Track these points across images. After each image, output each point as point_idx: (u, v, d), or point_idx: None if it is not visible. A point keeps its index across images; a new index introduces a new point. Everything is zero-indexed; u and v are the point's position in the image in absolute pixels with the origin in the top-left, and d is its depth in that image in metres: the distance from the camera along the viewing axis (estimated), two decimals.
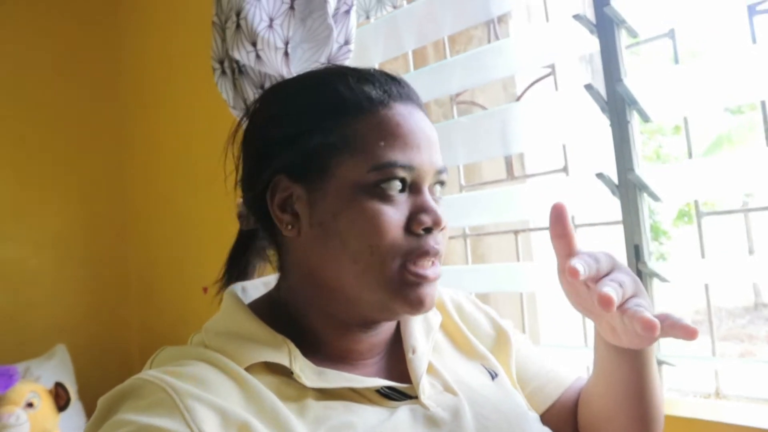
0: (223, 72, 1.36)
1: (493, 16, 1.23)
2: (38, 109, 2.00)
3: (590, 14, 0.98)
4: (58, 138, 2.03)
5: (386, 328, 0.63)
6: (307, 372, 0.54)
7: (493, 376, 0.67)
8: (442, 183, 0.61)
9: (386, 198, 0.55)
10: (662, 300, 0.94)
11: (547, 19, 1.11)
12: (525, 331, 1.21)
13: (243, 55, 1.26)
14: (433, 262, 0.56)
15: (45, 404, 1.39)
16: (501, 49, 1.13)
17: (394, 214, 0.54)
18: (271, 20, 1.25)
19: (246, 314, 0.59)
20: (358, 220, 0.54)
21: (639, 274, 0.92)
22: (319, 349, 0.59)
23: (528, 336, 1.25)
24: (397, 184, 0.55)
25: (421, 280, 0.55)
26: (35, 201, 1.95)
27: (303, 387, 0.53)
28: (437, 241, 0.56)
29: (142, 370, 0.55)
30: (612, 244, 1.03)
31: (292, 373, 0.54)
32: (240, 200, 0.64)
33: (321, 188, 0.56)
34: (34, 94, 2.00)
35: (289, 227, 0.58)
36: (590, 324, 1.05)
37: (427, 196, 0.57)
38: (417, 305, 0.55)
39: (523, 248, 1.38)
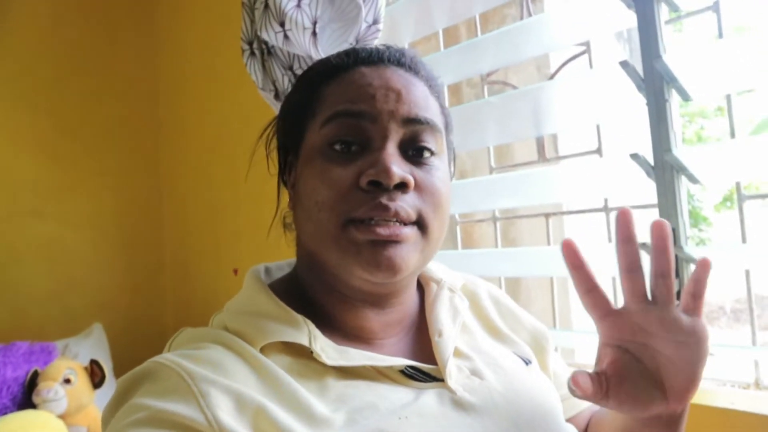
0: (252, 53, 1.36)
1: None
2: (76, 90, 2.04)
3: None
4: (95, 119, 2.07)
5: (401, 308, 0.62)
6: (328, 350, 0.53)
7: (527, 362, 0.65)
8: (425, 147, 0.56)
9: (336, 155, 0.55)
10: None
11: None
12: (556, 317, 1.18)
13: (271, 35, 1.25)
14: (388, 221, 0.52)
15: (81, 380, 1.43)
16: (534, 26, 1.10)
17: (341, 171, 0.54)
18: (300, 0, 1.24)
19: (266, 294, 0.58)
20: (309, 180, 0.56)
21: (675, 259, 0.89)
22: (336, 328, 0.58)
23: (559, 321, 1.22)
24: (346, 138, 0.55)
25: (371, 236, 0.52)
26: (74, 181, 2.00)
27: (323, 367, 0.53)
28: (393, 198, 0.52)
29: (164, 349, 0.56)
30: (648, 229, 1.00)
31: (311, 352, 0.53)
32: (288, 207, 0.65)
33: (299, 154, 0.59)
34: (71, 76, 2.03)
35: (291, 204, 0.62)
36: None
37: (386, 150, 0.53)
38: (372, 267, 0.52)
39: (555, 232, 1.36)
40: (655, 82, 0.90)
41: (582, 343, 1.09)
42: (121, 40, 2.17)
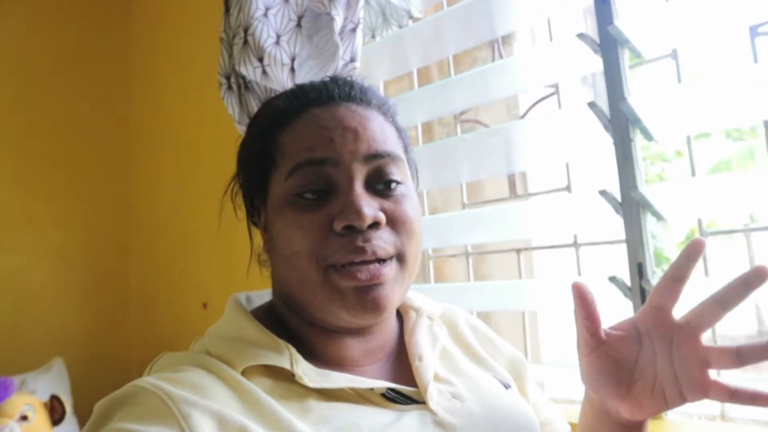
0: (230, 87, 1.37)
1: (497, 36, 1.24)
2: (44, 119, 2.01)
3: (594, 34, 0.99)
4: (63, 149, 2.04)
5: (381, 336, 0.62)
6: (309, 373, 0.54)
7: (506, 386, 0.66)
8: (393, 180, 0.57)
9: (305, 203, 0.55)
10: None
11: (551, 39, 1.12)
12: (526, 350, 1.20)
13: (249, 70, 1.27)
14: (369, 262, 0.53)
15: (39, 417, 1.37)
16: (505, 67, 1.14)
17: (312, 218, 0.54)
18: (279, 37, 1.26)
19: (248, 319, 0.59)
20: (282, 228, 0.56)
21: (642, 292, 0.92)
22: (316, 355, 0.58)
23: (530, 355, 1.24)
24: (313, 187, 0.55)
25: (353, 283, 0.53)
26: (39, 212, 1.95)
27: (305, 389, 0.53)
28: (367, 238, 0.53)
29: (142, 376, 0.55)
30: (615, 263, 1.03)
31: (293, 375, 0.53)
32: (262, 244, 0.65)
33: (267, 202, 0.60)
34: (40, 105, 2.01)
35: (266, 246, 0.62)
36: None
37: (354, 191, 0.54)
38: (358, 311, 0.53)
39: (525, 267, 1.38)
40: (620, 123, 0.94)
41: (552, 376, 1.11)
42: (94, 68, 2.16)
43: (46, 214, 1.96)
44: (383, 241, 0.54)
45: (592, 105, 0.96)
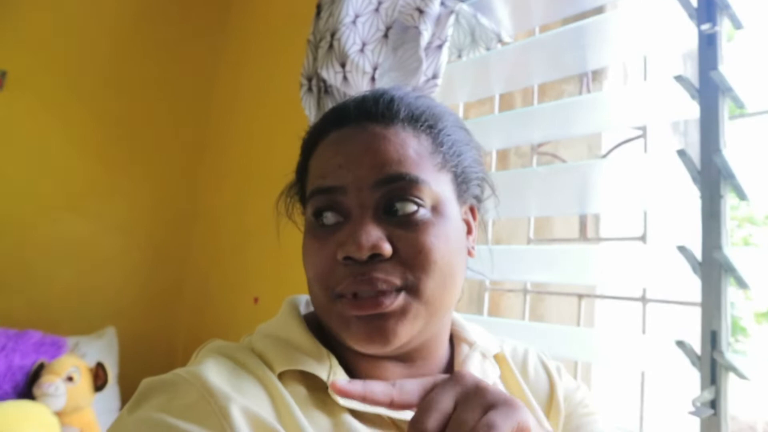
0: (310, 89, 1.39)
1: (586, 70, 1.19)
2: (133, 97, 2.11)
3: (694, 78, 0.92)
4: (146, 128, 2.13)
5: (425, 364, 0.59)
6: None
7: None
8: (405, 202, 0.52)
9: (319, 230, 0.55)
10: (737, 399, 0.85)
11: (645, 77, 1.06)
12: None
13: (331, 74, 1.27)
14: (374, 297, 0.50)
15: (84, 381, 1.42)
16: (590, 103, 1.09)
17: (322, 247, 0.53)
18: (364, 45, 1.27)
19: (297, 323, 0.58)
20: (304, 251, 0.57)
21: (713, 364, 0.84)
22: (359, 374, 0.57)
23: None
24: (327, 215, 0.54)
25: (356, 312, 0.51)
26: (114, 184, 2.04)
27: (339, 405, 0.52)
28: (367, 270, 0.50)
29: (187, 360, 0.56)
30: (686, 327, 0.95)
31: (327, 388, 0.52)
32: None
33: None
34: (131, 83, 2.11)
35: None
36: (648, 403, 0.96)
37: (360, 220, 0.52)
38: (362, 341, 0.51)
39: (586, 314, 1.30)
40: (711, 176, 0.87)
41: None
42: (184, 57, 2.25)
43: (120, 189, 2.05)
44: (385, 273, 0.51)
45: (681, 153, 0.89)
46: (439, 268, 0.52)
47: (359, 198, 0.52)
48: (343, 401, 0.51)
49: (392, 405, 0.41)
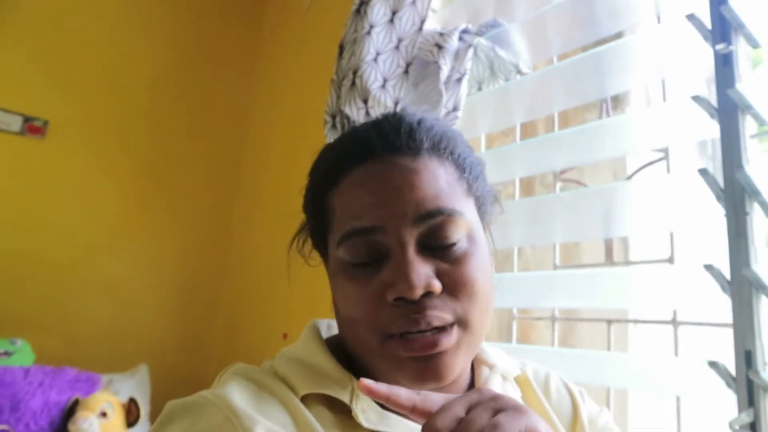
0: (333, 126, 1.43)
1: (606, 96, 1.20)
2: (167, 138, 2.22)
3: (712, 97, 0.93)
4: (179, 167, 2.22)
5: (453, 387, 0.59)
6: (368, 412, 0.53)
7: None
8: (441, 241, 0.53)
9: (357, 273, 0.53)
10: None
11: (665, 100, 1.07)
12: None
13: (354, 111, 1.31)
14: (425, 331, 0.50)
15: (117, 416, 1.45)
16: (611, 127, 1.09)
17: (366, 290, 0.52)
18: (385, 81, 1.31)
19: (319, 347, 0.59)
20: (340, 292, 0.55)
21: (750, 384, 0.81)
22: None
23: None
24: (363, 257, 0.53)
25: (410, 353, 0.50)
26: (148, 223, 2.12)
27: (363, 428, 0.52)
28: (421, 308, 0.50)
29: (215, 381, 0.57)
30: (721, 349, 0.93)
31: (351, 411, 0.52)
32: None
33: (328, 259, 0.60)
34: (165, 126, 2.22)
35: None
36: (686, 428, 0.93)
37: (406, 258, 0.51)
38: (418, 380, 0.51)
39: (619, 340, 1.28)
40: (735, 193, 0.86)
41: None
42: (217, 102, 2.35)
43: (153, 229, 2.13)
44: (439, 309, 0.51)
45: (703, 172, 0.89)
46: (482, 297, 0.54)
47: (399, 236, 0.51)
48: (366, 423, 0.52)
49: (414, 411, 0.42)
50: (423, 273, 0.50)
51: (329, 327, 0.66)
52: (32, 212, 1.90)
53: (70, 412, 1.43)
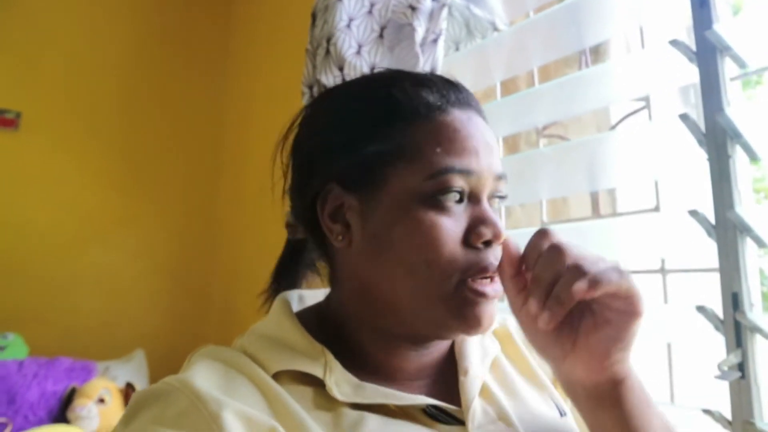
0: (311, 96, 1.40)
1: (584, 47, 1.18)
2: (146, 128, 2.19)
3: (692, 42, 0.91)
4: (161, 157, 2.20)
5: (438, 349, 0.59)
6: (342, 386, 0.52)
7: (562, 413, 0.61)
8: (501, 196, 0.57)
9: (443, 209, 0.52)
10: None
11: (644, 48, 1.05)
12: None
13: (330, 79, 1.29)
14: (492, 279, 0.53)
15: (115, 401, 1.45)
16: (591, 78, 1.08)
17: (451, 226, 0.51)
18: (360, 47, 1.28)
19: (290, 321, 0.57)
20: (414, 232, 0.51)
21: (737, 326, 0.82)
22: (365, 364, 0.56)
23: None
24: (454, 194, 0.52)
25: (481, 298, 0.52)
26: (135, 213, 2.11)
27: (337, 400, 0.51)
28: (496, 256, 0.53)
29: (183, 364, 0.55)
30: (710, 292, 0.93)
31: (325, 385, 0.51)
32: (288, 209, 0.64)
33: (375, 198, 0.54)
34: (144, 116, 2.19)
35: (340, 238, 0.56)
36: (677, 379, 0.94)
37: (487, 206, 0.54)
38: (474, 325, 0.52)
39: None
40: (717, 137, 0.85)
41: None
42: (192, 79, 2.31)
43: (138, 217, 2.11)
44: (498, 259, 0.53)
45: (684, 117, 0.88)
46: None
47: (487, 186, 0.54)
48: (341, 396, 0.51)
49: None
50: (499, 223, 0.54)
51: (301, 298, 0.65)
52: (12, 206, 1.88)
53: (67, 400, 1.43)
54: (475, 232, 0.52)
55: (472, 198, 0.54)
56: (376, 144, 0.54)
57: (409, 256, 0.52)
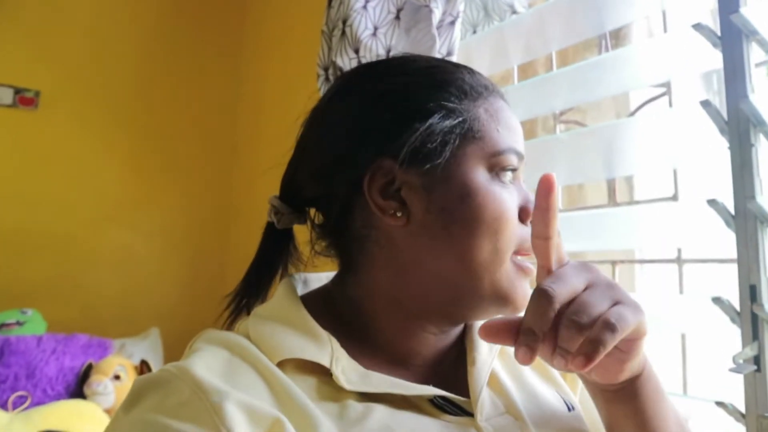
0: (327, 78, 1.39)
1: (604, 31, 1.15)
2: (163, 109, 2.19)
3: (716, 25, 0.89)
4: (177, 137, 2.20)
5: (453, 334, 0.59)
6: (349, 374, 0.51)
7: (570, 408, 0.60)
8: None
9: (505, 185, 0.54)
10: None
11: (665, 31, 1.02)
12: None
13: (345, 61, 1.28)
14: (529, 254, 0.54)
15: (130, 379, 1.48)
16: (611, 62, 1.06)
17: (513, 202, 0.54)
18: (376, 29, 1.26)
19: (295, 305, 0.56)
20: (486, 206, 0.52)
21: (754, 318, 0.80)
22: (376, 351, 0.55)
23: None
24: (511, 173, 0.55)
25: (529, 273, 0.54)
26: (152, 192, 2.12)
27: (344, 389, 0.50)
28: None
29: (186, 349, 0.55)
30: (727, 283, 0.92)
31: (331, 373, 0.50)
32: (273, 196, 0.63)
33: (440, 174, 0.53)
34: (161, 97, 2.19)
35: (399, 214, 0.53)
36: (693, 365, 0.93)
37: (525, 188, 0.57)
38: (520, 300, 0.53)
39: (627, 282, 1.27)
40: (740, 125, 0.83)
41: None
42: (207, 60, 2.31)
43: (154, 196, 2.13)
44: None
45: (705, 104, 0.86)
46: None
47: (522, 169, 0.57)
48: (348, 385, 0.50)
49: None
50: None
51: (306, 282, 0.63)
52: (31, 185, 1.90)
53: (84, 376, 1.46)
54: (526, 210, 0.54)
55: (516, 178, 0.56)
56: (441, 120, 0.53)
57: (480, 230, 0.51)
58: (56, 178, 1.94)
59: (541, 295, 0.43)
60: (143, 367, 1.52)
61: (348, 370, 0.51)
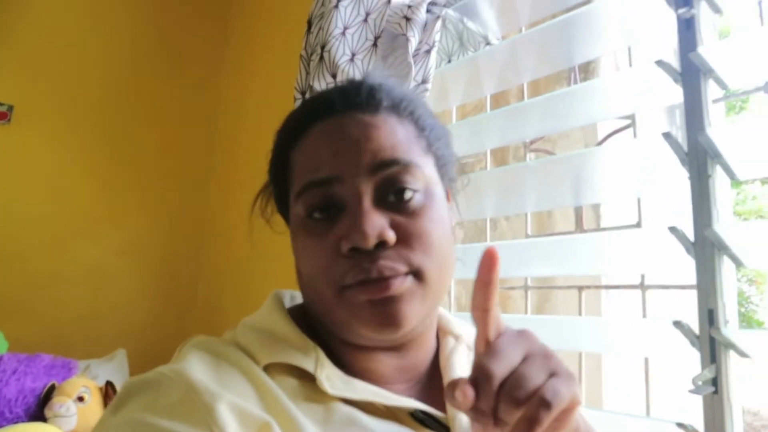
0: None
1: (574, 64, 1.20)
2: (137, 123, 2.16)
3: (677, 62, 0.93)
4: (152, 154, 2.18)
5: (416, 354, 0.60)
6: (333, 380, 0.52)
7: None
8: (403, 188, 0.53)
9: (315, 226, 0.54)
10: (742, 380, 0.84)
11: (631, 65, 1.07)
12: (583, 394, 1.12)
13: (322, 85, 1.30)
14: (383, 281, 0.50)
15: (94, 400, 1.44)
16: (578, 94, 1.10)
17: (321, 242, 0.53)
18: (353, 55, 1.29)
19: (281, 315, 0.58)
20: (298, 251, 0.57)
21: (712, 342, 0.83)
22: (345, 365, 0.57)
23: (588, 399, 1.15)
24: (320, 209, 0.54)
25: (366, 297, 0.50)
26: (120, 207, 2.08)
27: (327, 394, 0.52)
28: (374, 258, 0.50)
29: (174, 355, 0.56)
30: (688, 308, 0.95)
31: (315, 379, 0.52)
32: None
33: (287, 218, 0.62)
34: (135, 110, 2.16)
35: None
36: (656, 388, 0.95)
37: (360, 209, 0.51)
38: (375, 326, 0.51)
39: (593, 307, 1.30)
40: (698, 156, 0.88)
41: (613, 424, 1.02)
42: (187, 85, 2.30)
43: (126, 213, 2.09)
44: (391, 260, 0.51)
45: (667, 136, 0.90)
46: (438, 251, 0.54)
47: (355, 186, 0.52)
48: (332, 390, 0.51)
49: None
50: (377, 223, 0.51)
51: (292, 297, 0.66)
52: (0, 198, 1.86)
53: (46, 397, 1.42)
54: (343, 241, 0.51)
55: (345, 204, 0.53)
56: (280, 177, 0.61)
57: (303, 270, 0.57)
58: (26, 192, 1.91)
59: (480, 377, 0.40)
60: (108, 388, 1.48)
61: (332, 376, 0.53)
